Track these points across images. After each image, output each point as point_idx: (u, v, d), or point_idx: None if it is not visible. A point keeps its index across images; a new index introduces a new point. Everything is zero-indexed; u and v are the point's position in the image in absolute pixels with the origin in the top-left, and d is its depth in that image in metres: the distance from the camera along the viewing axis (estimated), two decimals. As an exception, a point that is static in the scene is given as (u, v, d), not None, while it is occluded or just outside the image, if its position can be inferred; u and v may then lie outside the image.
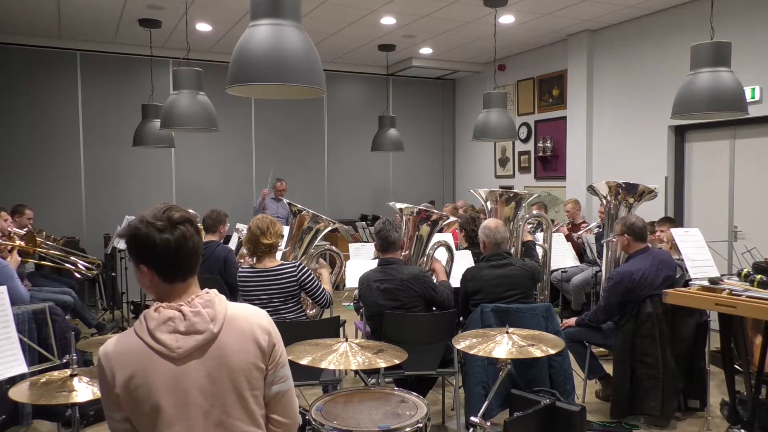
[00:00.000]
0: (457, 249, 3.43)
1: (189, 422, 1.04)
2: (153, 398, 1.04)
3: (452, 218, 3.21)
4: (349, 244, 3.68)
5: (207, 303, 1.10)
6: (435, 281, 2.84)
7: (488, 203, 3.42)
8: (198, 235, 1.14)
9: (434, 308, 2.76)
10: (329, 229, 3.10)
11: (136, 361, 1.05)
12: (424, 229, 3.08)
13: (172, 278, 1.10)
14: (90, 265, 4.08)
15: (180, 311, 1.08)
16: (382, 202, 7.16)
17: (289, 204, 3.18)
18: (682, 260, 2.76)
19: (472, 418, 2.01)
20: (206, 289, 1.15)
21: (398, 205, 3.22)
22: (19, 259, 3.33)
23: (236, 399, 1.09)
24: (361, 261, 3.28)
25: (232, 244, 4.17)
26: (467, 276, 2.88)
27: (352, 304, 3.00)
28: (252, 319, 1.14)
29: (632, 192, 3.20)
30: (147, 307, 1.14)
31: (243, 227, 4.04)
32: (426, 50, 6.37)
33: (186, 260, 1.10)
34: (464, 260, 3.25)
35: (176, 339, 1.05)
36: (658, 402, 2.76)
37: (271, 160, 6.92)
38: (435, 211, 3.17)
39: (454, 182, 8.09)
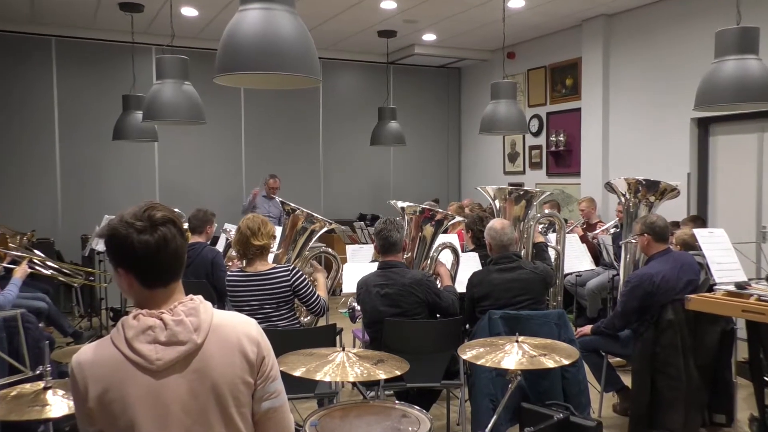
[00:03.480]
0: (463, 251, 3.46)
1: None
2: (129, 414, 1.02)
3: (458, 218, 3.21)
4: (347, 246, 3.68)
5: (191, 311, 1.09)
6: (439, 286, 2.84)
7: (496, 202, 3.42)
8: (182, 236, 1.14)
9: (438, 315, 2.76)
10: (325, 229, 3.10)
11: (112, 374, 1.03)
12: (428, 229, 3.07)
13: (152, 283, 1.09)
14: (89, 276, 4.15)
15: (161, 319, 1.06)
16: (382, 201, 7.12)
17: (282, 203, 3.18)
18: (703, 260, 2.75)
19: (479, 434, 2.07)
20: (191, 296, 1.14)
21: (399, 204, 3.21)
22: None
23: (220, 417, 1.07)
24: (360, 264, 3.28)
25: (220, 246, 4.16)
26: (474, 280, 2.87)
27: (348, 311, 3.00)
28: (239, 329, 1.13)
29: (653, 189, 3.16)
30: (127, 314, 1.09)
31: (232, 228, 4.03)
32: (429, 36, 6.33)
33: (168, 264, 1.09)
34: (471, 263, 3.23)
35: (156, 350, 1.04)
36: (680, 416, 2.72)
37: (261, 155, 6.89)
38: (439, 210, 3.17)
39: (460, 179, 8.02)
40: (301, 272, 2.64)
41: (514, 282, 2.78)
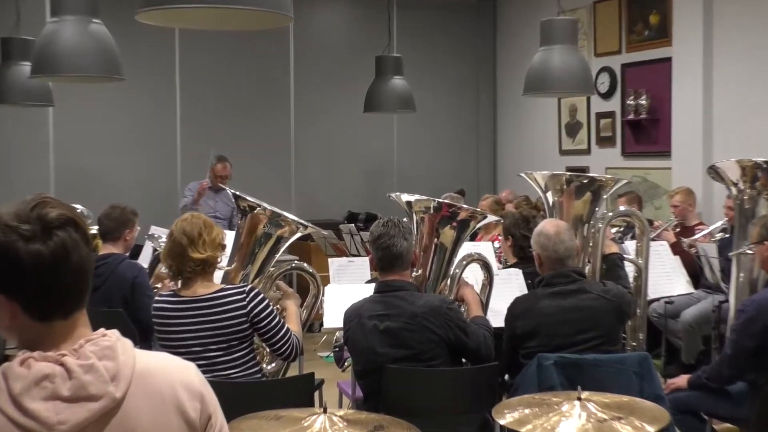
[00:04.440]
0: (500, 266, 3.42)
1: None
2: None
3: (492, 218, 3.22)
4: (330, 260, 3.70)
5: (105, 352, 1.10)
6: (465, 317, 2.87)
7: (549, 194, 3.44)
8: (88, 244, 1.14)
9: (464, 360, 2.79)
10: (298, 235, 3.13)
11: None
12: (448, 234, 3.09)
13: (47, 314, 1.09)
14: None
15: (62, 365, 1.07)
16: (380, 193, 6.84)
17: (235, 196, 3.18)
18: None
19: None
20: (102, 330, 1.14)
21: (406, 197, 3.25)
22: None
23: None
24: (349, 286, 3.30)
25: (144, 260, 4.17)
26: (516, 310, 2.91)
27: (331, 354, 3.15)
28: (174, 376, 1.15)
29: (780, 177, 3.34)
30: (8, 359, 1.13)
31: (161, 233, 4.04)
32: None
33: (69, 284, 1.10)
34: (511, 285, 3.26)
35: (56, 409, 1.04)
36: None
37: (205, 129, 6.84)
38: (465, 206, 3.18)
39: (495, 161, 7.94)
40: (263, 297, 2.67)
41: (575, 312, 2.81)
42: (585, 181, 3.41)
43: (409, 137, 7.65)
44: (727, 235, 4.68)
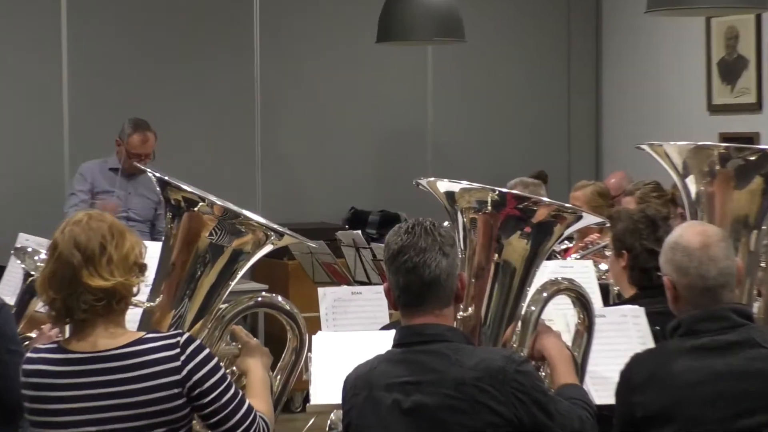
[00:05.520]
0: (605, 300, 3.51)
1: None
2: None
3: (593, 218, 3.16)
4: (320, 290, 3.76)
5: None
6: (547, 386, 2.83)
7: (690, 180, 3.38)
8: None
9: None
10: (267, 249, 3.09)
11: None
12: (517, 246, 3.06)
13: None
14: None
15: None
16: (405, 179, 6.98)
17: (161, 183, 3.13)
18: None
19: None
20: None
21: (445, 186, 3.20)
22: None
23: None
24: (352, 335, 3.36)
25: (5, 291, 4.12)
26: (637, 375, 2.87)
27: None
28: None
29: None
30: None
31: (37, 244, 4.05)
32: None
33: None
34: (627, 333, 3.28)
35: None
36: None
37: (110, 80, 7.03)
38: (546, 199, 3.22)
39: (599, 125, 8.13)
40: (208, 353, 2.64)
41: (736, 380, 2.76)
42: (753, 158, 3.28)
43: (453, 89, 7.72)
44: None
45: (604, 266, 4.30)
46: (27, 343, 3.38)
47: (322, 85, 7.61)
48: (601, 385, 3.09)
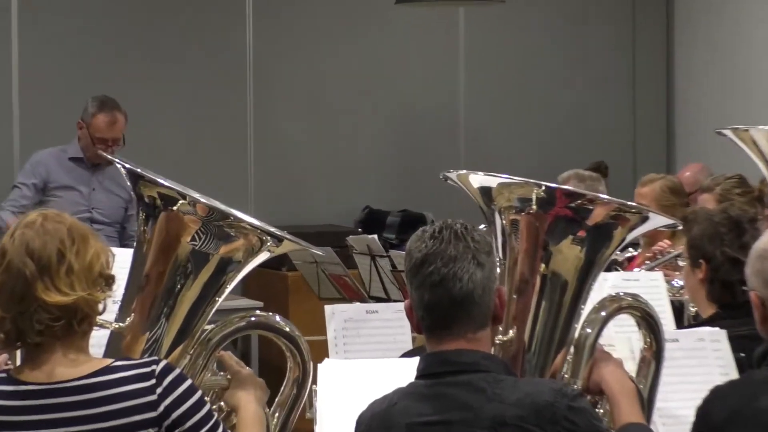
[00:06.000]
0: (681, 323, 3.66)
1: None
2: None
3: (663, 219, 3.20)
4: (328, 308, 3.81)
5: None
6: (604, 423, 2.83)
7: None
8: None
9: None
10: (263, 257, 3.07)
11: None
12: (568, 253, 3.07)
13: None
14: None
15: None
16: (431, 173, 6.88)
17: (132, 175, 3.10)
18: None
19: None
20: None
21: (480, 180, 3.20)
22: None
23: None
24: (366, 363, 3.43)
25: None
26: (717, 412, 2.80)
27: None
28: None
29: None
30: None
31: None
32: None
33: None
34: (705, 359, 3.34)
35: None
36: None
37: (70, 54, 7.23)
38: (604, 197, 3.27)
39: (670, 107, 8.14)
40: (190, 385, 2.61)
41: None
42: None
43: (490, 61, 7.71)
44: None
45: (678, 282, 4.27)
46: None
47: (329, 56, 7.61)
48: (673, 425, 3.10)
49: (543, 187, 3.06)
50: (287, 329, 3.14)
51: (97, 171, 6.19)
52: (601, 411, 2.95)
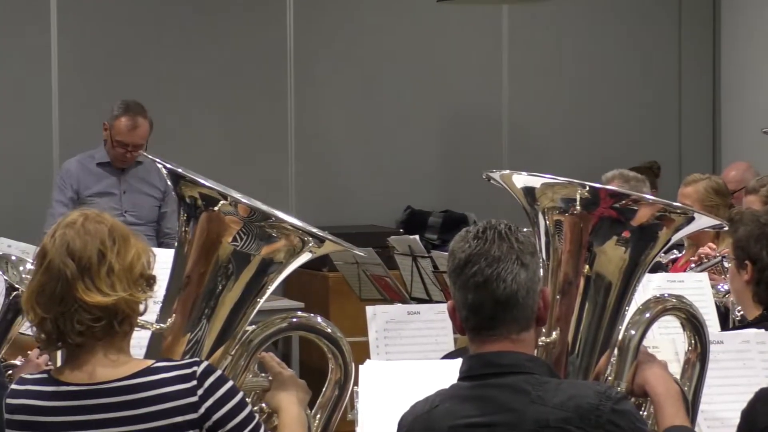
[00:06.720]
0: (726, 325, 3.64)
1: None
2: None
3: (708, 220, 3.20)
4: (369, 308, 3.83)
5: None
6: (648, 426, 2.87)
7: None
8: None
9: None
10: (305, 258, 3.07)
11: None
12: (612, 254, 3.08)
13: None
14: None
15: None
16: (473, 173, 6.94)
17: (173, 176, 3.11)
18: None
19: None
20: None
21: (524, 181, 3.20)
22: None
23: None
24: (408, 364, 3.41)
25: None
26: (762, 416, 2.90)
27: None
28: None
29: None
30: None
31: (21, 251, 4.16)
32: None
33: None
34: (751, 363, 3.33)
35: None
36: None
37: (105, 62, 7.23)
38: (649, 197, 3.27)
39: (716, 106, 8.11)
40: (231, 387, 2.63)
41: None
42: None
43: (534, 60, 7.75)
44: None
45: (723, 286, 4.24)
46: (11, 372, 3.46)
47: (371, 55, 7.59)
48: (718, 428, 3.10)
49: (587, 188, 3.07)
50: (329, 330, 3.15)
51: (126, 173, 6.20)
52: (645, 414, 2.93)
